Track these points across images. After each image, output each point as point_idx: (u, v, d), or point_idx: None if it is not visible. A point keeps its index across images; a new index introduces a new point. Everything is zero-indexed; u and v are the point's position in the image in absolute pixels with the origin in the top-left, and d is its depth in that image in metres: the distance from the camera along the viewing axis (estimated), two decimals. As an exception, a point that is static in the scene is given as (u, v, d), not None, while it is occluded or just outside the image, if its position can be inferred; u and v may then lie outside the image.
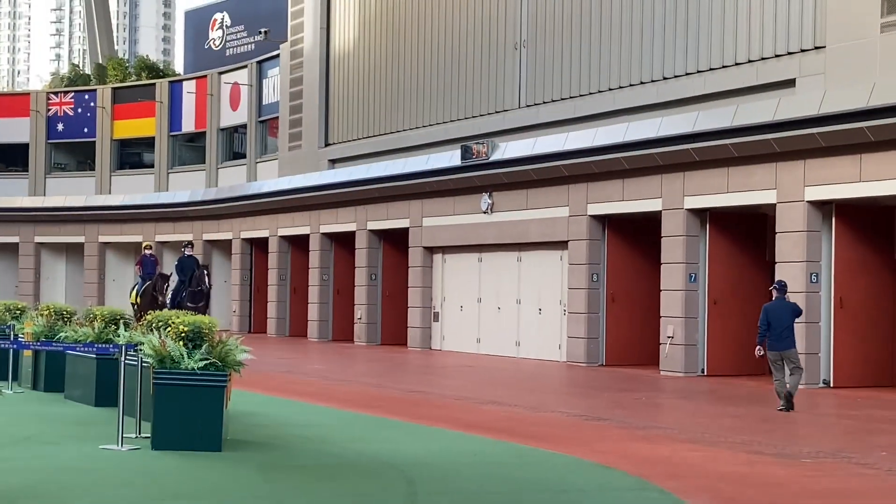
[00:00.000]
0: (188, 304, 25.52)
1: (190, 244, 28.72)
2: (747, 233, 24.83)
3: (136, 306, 27.60)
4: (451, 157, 30.98)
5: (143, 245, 31.68)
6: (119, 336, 15.17)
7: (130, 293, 29.35)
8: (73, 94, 51.48)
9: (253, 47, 48.45)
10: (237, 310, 42.80)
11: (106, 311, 17.28)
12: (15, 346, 16.00)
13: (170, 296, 26.81)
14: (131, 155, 50.79)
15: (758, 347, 17.51)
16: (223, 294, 44.61)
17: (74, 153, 51.69)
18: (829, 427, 16.11)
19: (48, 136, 50.79)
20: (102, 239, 48.39)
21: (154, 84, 49.66)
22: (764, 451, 12.98)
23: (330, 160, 38.24)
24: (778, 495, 10.18)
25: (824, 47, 21.93)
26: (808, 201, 21.82)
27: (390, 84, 35.37)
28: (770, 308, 17.60)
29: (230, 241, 43.59)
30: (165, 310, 24.17)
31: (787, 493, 10.34)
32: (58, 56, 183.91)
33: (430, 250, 33.20)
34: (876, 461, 12.36)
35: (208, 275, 26.82)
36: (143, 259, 29.34)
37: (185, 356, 11.85)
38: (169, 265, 37.18)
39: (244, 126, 44.99)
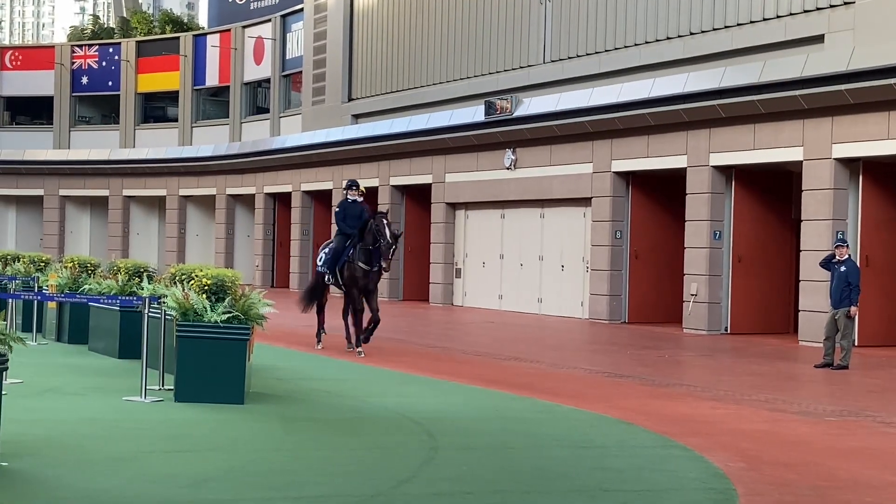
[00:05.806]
0: (360, 264, 17.79)
1: (354, 184, 18.78)
2: (773, 190, 24.66)
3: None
4: (474, 113, 30.84)
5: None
6: (143, 289, 15.25)
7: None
8: (97, 47, 51.44)
9: (277, 1, 48.26)
10: (260, 264, 42.92)
11: (130, 263, 17.35)
12: (39, 297, 16.03)
13: (323, 255, 18.80)
14: (155, 109, 50.82)
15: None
16: (247, 248, 44.74)
17: (99, 106, 51.74)
18: (853, 386, 16.03)
19: (72, 90, 50.84)
20: (127, 192, 48.51)
21: (178, 38, 49.57)
22: (787, 410, 12.94)
23: (353, 115, 38.14)
24: (801, 453, 10.13)
25: (854, 3, 21.65)
26: (835, 159, 21.64)
27: (414, 39, 35.18)
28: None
29: (253, 195, 43.64)
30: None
31: (809, 450, 10.29)
32: (82, 9, 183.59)
33: (453, 206, 33.13)
34: (900, 420, 12.30)
35: (390, 229, 17.77)
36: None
37: (209, 309, 11.86)
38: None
39: (268, 80, 44.90)
